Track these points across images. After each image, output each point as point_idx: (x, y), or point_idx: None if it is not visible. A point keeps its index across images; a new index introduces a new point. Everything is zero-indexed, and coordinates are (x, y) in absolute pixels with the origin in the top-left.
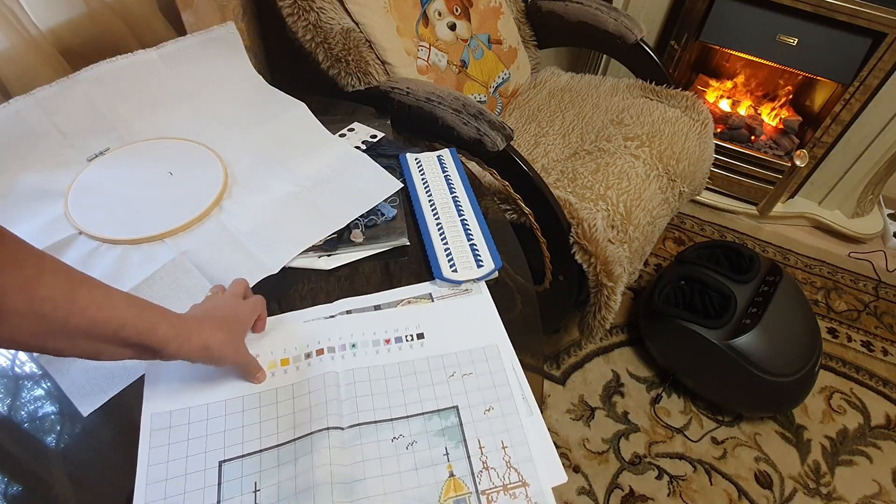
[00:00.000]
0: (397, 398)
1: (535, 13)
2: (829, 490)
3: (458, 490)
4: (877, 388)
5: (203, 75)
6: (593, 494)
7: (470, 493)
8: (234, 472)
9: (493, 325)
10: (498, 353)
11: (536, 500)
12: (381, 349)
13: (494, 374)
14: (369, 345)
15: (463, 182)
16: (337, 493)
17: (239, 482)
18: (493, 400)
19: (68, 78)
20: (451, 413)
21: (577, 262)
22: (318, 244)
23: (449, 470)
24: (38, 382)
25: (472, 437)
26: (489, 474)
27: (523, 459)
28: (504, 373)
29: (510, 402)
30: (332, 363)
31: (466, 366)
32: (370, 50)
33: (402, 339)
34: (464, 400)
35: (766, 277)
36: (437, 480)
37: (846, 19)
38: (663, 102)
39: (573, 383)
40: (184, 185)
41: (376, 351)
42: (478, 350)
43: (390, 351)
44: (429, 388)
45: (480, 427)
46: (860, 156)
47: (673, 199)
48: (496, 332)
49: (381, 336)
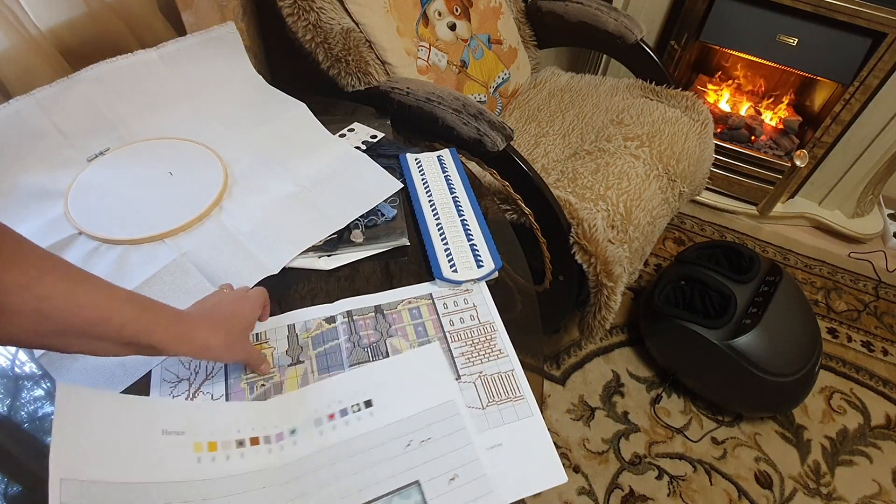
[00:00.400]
0: (349, 483)
1: (535, 13)
2: (829, 490)
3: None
4: (877, 388)
5: (203, 75)
6: (593, 494)
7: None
8: None
9: (445, 378)
10: (455, 409)
11: None
12: (324, 428)
13: (455, 435)
14: (311, 425)
15: (463, 182)
16: None
17: None
18: (457, 466)
19: (68, 78)
20: (412, 490)
21: (577, 262)
22: (318, 244)
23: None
24: (38, 382)
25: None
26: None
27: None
28: (466, 432)
29: (475, 465)
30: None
31: (423, 431)
32: (370, 50)
33: (348, 412)
34: (425, 472)
35: (766, 277)
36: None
37: (846, 19)
38: (663, 102)
39: (573, 383)
40: (184, 185)
41: (320, 432)
42: (434, 409)
43: (336, 428)
44: (384, 464)
45: (449, 500)
46: (860, 156)
47: (673, 199)
48: (449, 386)
49: (324, 412)
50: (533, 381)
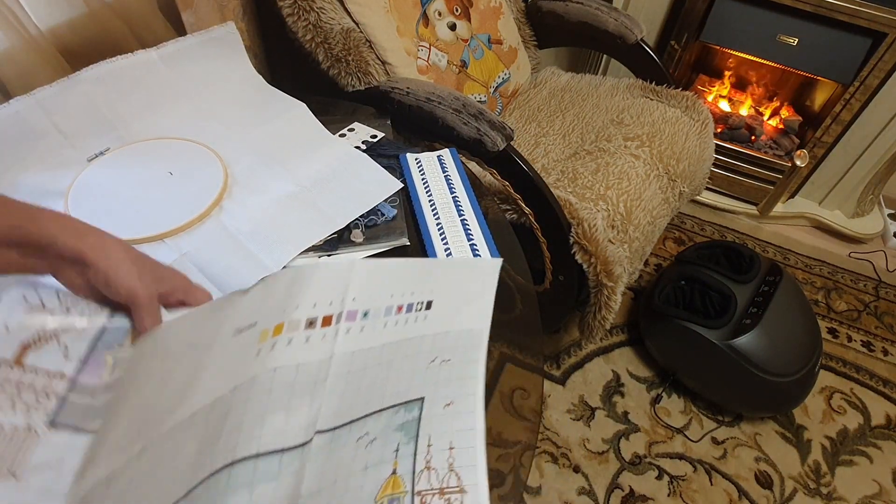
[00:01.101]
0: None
1: (535, 13)
2: (829, 490)
3: (395, 489)
4: (877, 388)
5: (203, 75)
6: (593, 494)
7: (405, 492)
8: None
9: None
10: (480, 341)
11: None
12: (390, 321)
13: (468, 364)
14: (381, 313)
15: (463, 182)
16: None
17: None
18: (456, 395)
19: (68, 78)
20: (415, 406)
21: (577, 262)
22: (318, 244)
23: (393, 467)
24: None
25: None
26: (429, 475)
27: (467, 464)
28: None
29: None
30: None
31: (448, 351)
32: (370, 50)
33: (413, 308)
34: (432, 392)
35: (766, 277)
36: (379, 478)
37: (846, 19)
38: (663, 102)
39: (573, 383)
40: (184, 185)
41: (384, 324)
42: (465, 333)
43: (397, 324)
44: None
45: (435, 423)
46: (860, 156)
47: (673, 199)
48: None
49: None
50: (533, 380)
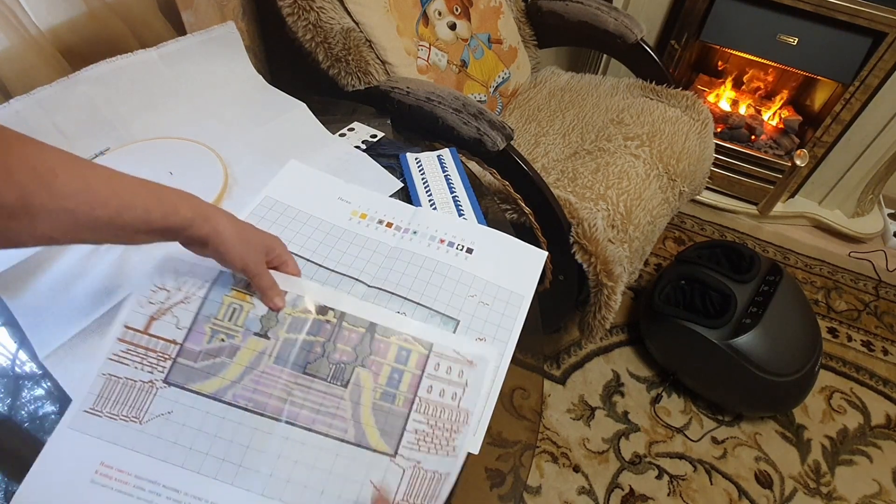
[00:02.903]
0: (420, 286)
1: (536, 13)
2: (829, 490)
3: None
4: (877, 388)
5: (203, 75)
6: (593, 494)
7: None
8: None
9: (529, 281)
10: (520, 303)
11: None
12: (433, 245)
13: (505, 317)
14: (426, 237)
15: (463, 182)
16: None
17: None
18: (489, 335)
19: (68, 78)
20: (451, 322)
21: (578, 262)
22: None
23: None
24: (38, 382)
25: None
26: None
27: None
28: (513, 320)
29: (501, 345)
30: (390, 237)
31: (489, 297)
32: (370, 50)
33: (454, 246)
34: (468, 320)
35: (766, 277)
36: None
37: (846, 19)
38: (663, 102)
39: (573, 383)
40: (184, 185)
41: (428, 245)
42: (506, 291)
43: (439, 250)
44: (449, 293)
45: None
46: (860, 155)
47: (673, 198)
48: (529, 287)
49: (439, 235)
50: (533, 380)
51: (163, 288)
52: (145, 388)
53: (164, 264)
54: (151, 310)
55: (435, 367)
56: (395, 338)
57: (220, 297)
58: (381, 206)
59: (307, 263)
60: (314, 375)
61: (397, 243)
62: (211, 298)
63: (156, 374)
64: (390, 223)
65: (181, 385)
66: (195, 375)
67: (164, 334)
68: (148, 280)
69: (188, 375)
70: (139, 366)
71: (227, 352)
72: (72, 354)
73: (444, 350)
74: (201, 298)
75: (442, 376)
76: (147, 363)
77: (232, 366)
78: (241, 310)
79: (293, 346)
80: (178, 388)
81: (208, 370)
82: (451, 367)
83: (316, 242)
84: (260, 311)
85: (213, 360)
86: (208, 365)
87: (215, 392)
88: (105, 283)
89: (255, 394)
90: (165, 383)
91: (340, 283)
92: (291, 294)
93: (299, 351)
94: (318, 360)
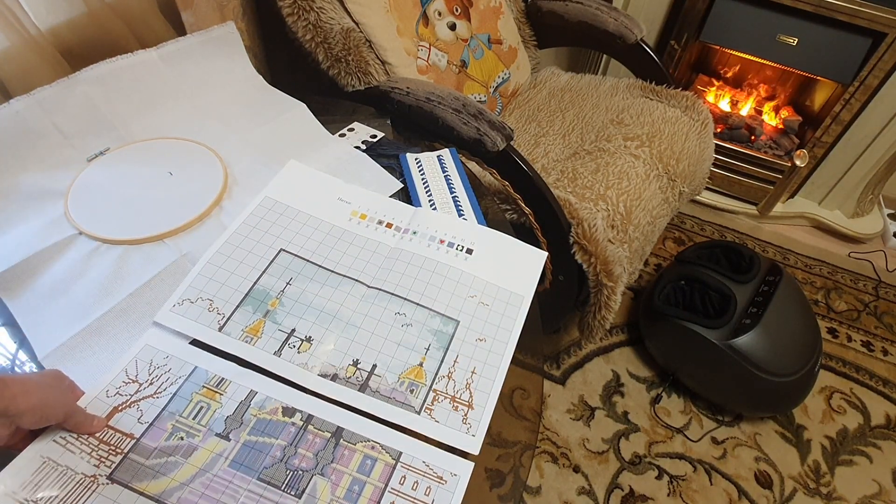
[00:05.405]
0: (419, 287)
1: (535, 13)
2: (829, 490)
3: (417, 377)
4: (877, 388)
5: (203, 75)
6: (593, 494)
7: (425, 384)
8: (283, 260)
9: (529, 281)
10: (520, 303)
11: (471, 424)
12: (433, 245)
13: (505, 317)
14: (426, 238)
15: (463, 182)
16: (336, 324)
17: (281, 269)
18: (489, 335)
19: (68, 78)
20: (451, 323)
21: (577, 262)
22: None
23: (421, 360)
24: None
25: (454, 350)
26: (447, 382)
27: (482, 390)
28: (513, 321)
29: (501, 345)
30: (390, 238)
31: (489, 297)
32: (370, 50)
33: (453, 247)
34: (468, 320)
35: (766, 277)
36: (408, 361)
37: (846, 19)
38: (663, 102)
39: (573, 383)
40: (184, 185)
41: (428, 245)
42: (506, 291)
43: (439, 250)
44: (449, 294)
45: (465, 348)
46: (860, 156)
47: (673, 198)
48: (528, 287)
49: (439, 235)
50: (533, 380)
51: (135, 381)
52: (85, 483)
53: (142, 354)
54: (118, 401)
55: (400, 480)
56: (361, 444)
57: (190, 394)
58: (381, 207)
59: (307, 264)
60: (268, 482)
61: (397, 244)
62: (180, 395)
63: (101, 469)
64: (390, 223)
65: (125, 483)
66: (143, 474)
67: (124, 427)
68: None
69: (135, 473)
70: (86, 456)
71: (184, 451)
72: (71, 354)
73: (411, 462)
74: (171, 395)
75: (406, 493)
76: (96, 455)
77: (185, 466)
78: (209, 408)
79: (251, 449)
80: (121, 486)
81: (158, 469)
82: (417, 483)
83: (316, 243)
84: (227, 412)
85: (167, 458)
86: (160, 464)
87: (160, 494)
88: (105, 283)
89: (201, 499)
90: (109, 480)
91: (340, 283)
92: (261, 395)
93: (257, 454)
94: (276, 466)
